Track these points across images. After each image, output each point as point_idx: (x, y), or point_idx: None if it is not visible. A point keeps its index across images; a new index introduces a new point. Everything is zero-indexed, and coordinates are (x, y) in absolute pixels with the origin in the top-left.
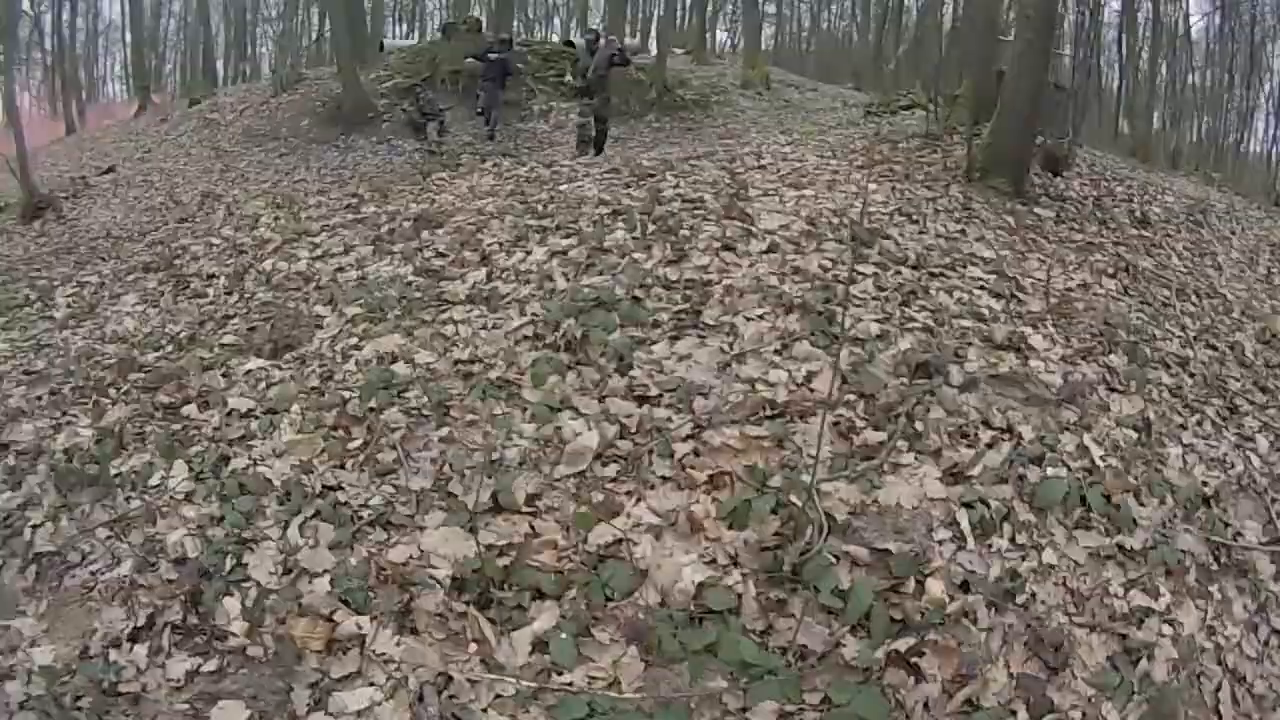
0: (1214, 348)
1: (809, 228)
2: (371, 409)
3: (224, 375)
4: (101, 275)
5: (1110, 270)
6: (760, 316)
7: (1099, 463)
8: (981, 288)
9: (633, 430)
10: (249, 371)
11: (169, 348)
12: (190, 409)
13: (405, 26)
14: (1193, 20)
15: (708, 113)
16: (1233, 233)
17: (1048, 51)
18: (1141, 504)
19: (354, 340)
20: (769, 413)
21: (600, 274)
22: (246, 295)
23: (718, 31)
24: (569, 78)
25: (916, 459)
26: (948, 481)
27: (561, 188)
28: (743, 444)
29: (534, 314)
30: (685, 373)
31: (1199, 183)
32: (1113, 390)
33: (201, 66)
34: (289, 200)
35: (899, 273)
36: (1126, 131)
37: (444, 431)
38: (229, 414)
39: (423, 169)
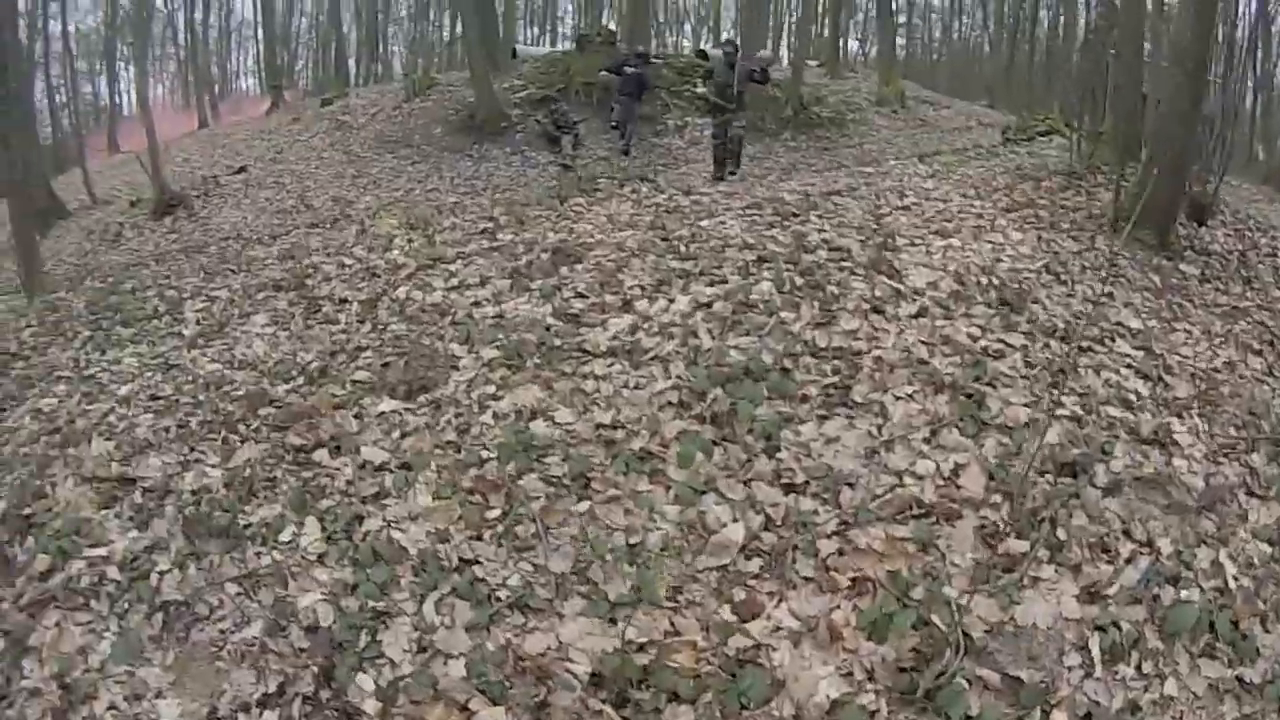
0: None
1: (957, 287)
2: (510, 474)
3: (356, 417)
4: (231, 290)
5: (1256, 345)
6: (910, 396)
7: (1231, 583)
8: (1129, 366)
9: (778, 522)
10: (382, 414)
11: (299, 380)
12: (322, 454)
13: (537, 29)
14: None
15: (843, 131)
16: None
17: (1200, 96)
18: (1267, 630)
19: (491, 389)
20: (915, 512)
21: (746, 334)
22: (379, 326)
23: (850, 40)
24: (701, 89)
25: (1056, 572)
26: (1084, 600)
27: (703, 223)
28: (887, 546)
29: (679, 377)
30: (833, 459)
31: None
32: (1252, 495)
33: (334, 65)
34: (423, 221)
35: (1047, 345)
36: (1261, 157)
37: (584, 506)
38: (362, 466)
39: (560, 194)
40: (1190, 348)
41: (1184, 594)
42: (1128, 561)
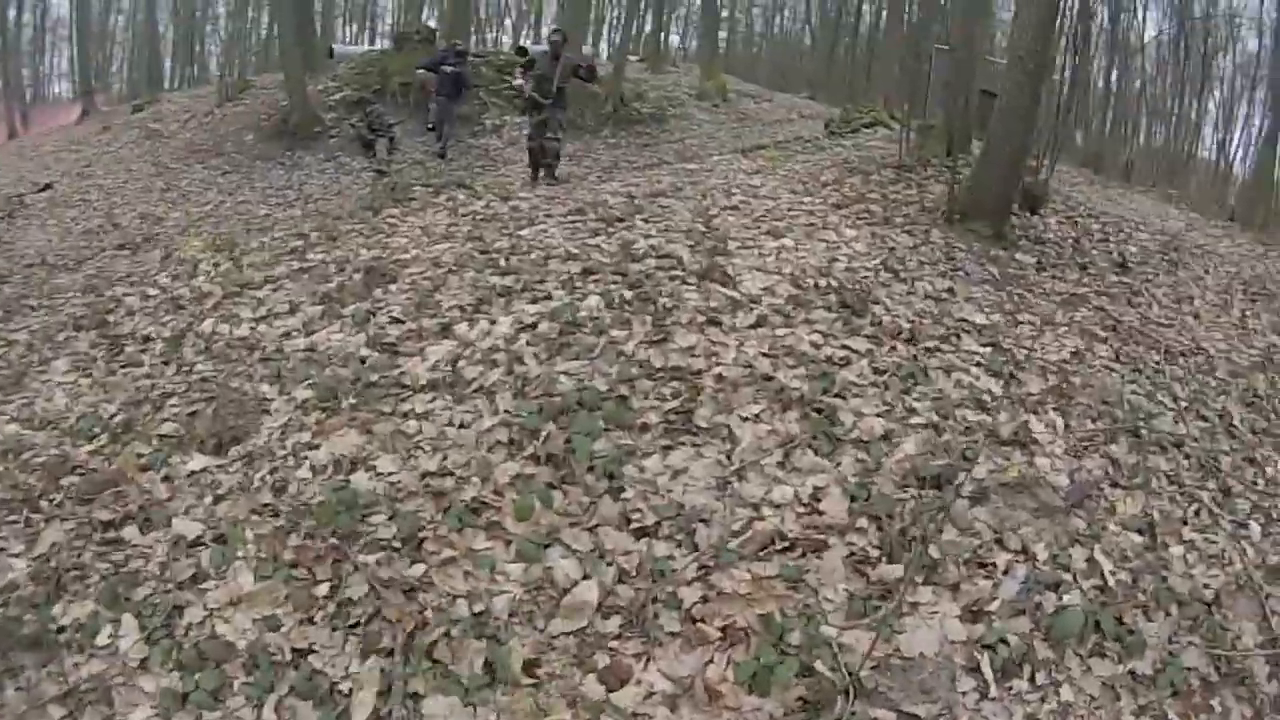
0: (1204, 418)
1: (795, 291)
2: (334, 541)
3: (165, 479)
4: (31, 332)
5: (1100, 332)
6: (757, 416)
7: (1109, 579)
8: (979, 364)
9: (633, 573)
10: (192, 474)
11: (103, 438)
12: (131, 530)
13: (356, 27)
14: (1149, 32)
15: (664, 127)
16: (1206, 271)
17: (1039, 94)
18: (1150, 619)
19: (306, 435)
20: (778, 546)
21: (576, 357)
22: (185, 367)
23: (671, 35)
24: (519, 82)
25: (934, 593)
26: (967, 619)
27: (523, 233)
28: (754, 588)
29: (507, 411)
30: (682, 494)
31: (1158, 200)
32: (1116, 486)
33: (149, 67)
34: (230, 243)
35: (894, 349)
36: (1079, 142)
37: (418, 571)
38: (175, 542)
39: (373, 204)
40: (1037, 340)
41: (1065, 598)
42: (1005, 573)
